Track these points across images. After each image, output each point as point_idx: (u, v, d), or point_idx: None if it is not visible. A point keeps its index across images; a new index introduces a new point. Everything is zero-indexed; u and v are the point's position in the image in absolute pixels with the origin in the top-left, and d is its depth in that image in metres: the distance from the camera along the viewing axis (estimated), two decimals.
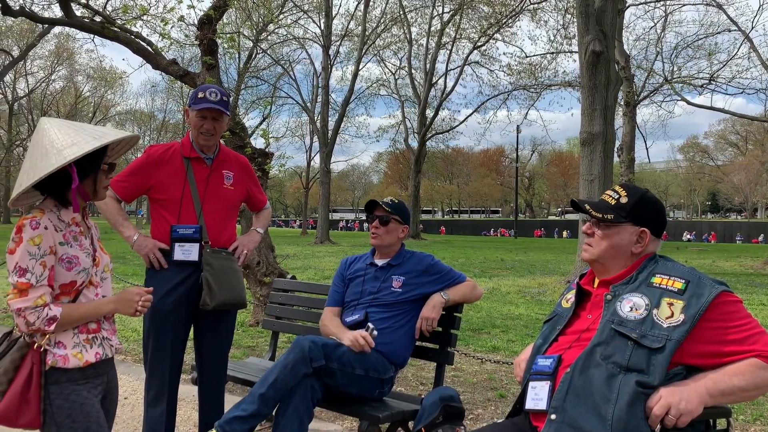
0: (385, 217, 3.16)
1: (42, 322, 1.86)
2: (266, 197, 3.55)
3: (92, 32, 7.20)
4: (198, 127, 3.03)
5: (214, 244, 3.06)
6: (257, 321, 6.68)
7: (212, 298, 2.96)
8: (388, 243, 3.18)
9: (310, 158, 41.96)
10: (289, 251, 20.98)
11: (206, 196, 3.07)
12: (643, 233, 2.06)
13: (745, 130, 62.08)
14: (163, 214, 3.06)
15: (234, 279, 3.06)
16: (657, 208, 2.11)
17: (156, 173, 3.05)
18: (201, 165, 3.10)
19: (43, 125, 1.96)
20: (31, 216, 1.89)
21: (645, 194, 2.12)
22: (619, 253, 2.07)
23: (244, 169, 3.29)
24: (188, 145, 3.11)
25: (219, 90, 3.06)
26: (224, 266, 3.03)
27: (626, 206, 2.08)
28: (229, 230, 3.18)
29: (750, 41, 20.64)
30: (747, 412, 4.22)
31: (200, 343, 3.18)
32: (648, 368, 1.83)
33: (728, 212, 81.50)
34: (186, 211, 3.03)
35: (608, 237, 2.08)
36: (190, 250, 3.01)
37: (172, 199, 3.04)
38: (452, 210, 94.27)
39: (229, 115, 3.13)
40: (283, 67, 33.79)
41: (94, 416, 1.94)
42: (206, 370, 3.19)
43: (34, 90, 42.20)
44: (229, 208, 3.18)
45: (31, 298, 1.85)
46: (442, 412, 2.62)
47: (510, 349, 6.13)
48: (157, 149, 3.14)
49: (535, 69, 28.45)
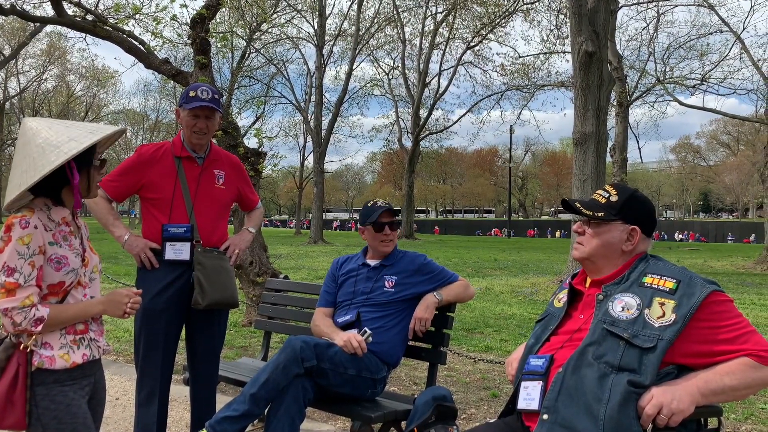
0: (397, 222, 3.19)
1: (29, 323, 1.84)
2: (258, 197, 3.54)
3: (84, 31, 7.15)
4: (191, 126, 3.02)
5: (205, 243, 3.05)
6: (250, 321, 6.66)
7: (204, 298, 2.95)
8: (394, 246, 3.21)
9: (304, 158, 41.89)
10: (282, 251, 20.95)
11: (197, 195, 3.06)
12: (633, 231, 2.06)
13: (736, 131, 62.40)
14: (154, 214, 3.05)
15: (226, 278, 3.05)
16: (647, 207, 2.12)
17: (147, 172, 3.04)
18: (192, 164, 3.09)
19: (31, 125, 1.93)
20: (20, 215, 1.87)
21: (635, 193, 2.12)
22: (609, 251, 2.07)
23: (235, 168, 3.27)
24: (179, 144, 3.10)
25: (210, 88, 3.05)
26: (216, 265, 3.02)
27: (616, 204, 2.08)
28: (220, 230, 3.17)
29: (741, 42, 20.73)
30: (738, 410, 4.24)
31: (192, 343, 3.17)
32: (640, 368, 1.83)
33: (720, 212, 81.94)
34: (177, 211, 3.02)
35: (599, 235, 2.09)
36: (182, 250, 2.99)
37: (163, 198, 3.03)
38: (446, 210, 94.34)
39: (222, 112, 3.12)
40: (277, 67, 33.71)
41: (81, 417, 1.92)
42: (198, 370, 3.17)
43: (26, 89, 41.89)
44: (221, 207, 3.16)
45: (19, 298, 1.83)
46: (435, 411, 2.62)
47: (503, 348, 6.13)
48: (148, 148, 3.12)
49: (528, 69, 28.47)
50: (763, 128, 22.31)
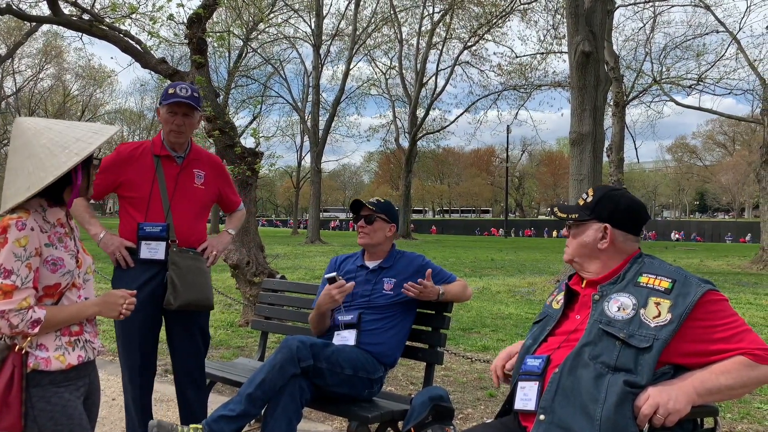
0: (370, 216, 3.14)
1: (26, 325, 1.83)
2: (240, 199, 3.49)
3: (80, 30, 7.14)
4: (168, 123, 2.99)
5: (182, 243, 3.01)
6: (247, 321, 6.65)
7: (176, 298, 2.92)
8: (376, 242, 3.16)
9: (301, 158, 41.88)
10: (279, 251, 20.93)
11: (175, 194, 3.03)
12: (606, 229, 2.07)
13: (732, 131, 62.62)
14: (131, 212, 3.02)
15: (200, 279, 3.01)
16: (620, 203, 2.09)
17: (125, 171, 3.01)
18: (171, 163, 3.06)
19: (28, 125, 1.91)
20: (16, 216, 1.85)
21: (609, 191, 2.12)
22: (587, 250, 2.09)
23: (216, 169, 3.24)
24: (159, 143, 3.07)
25: (190, 86, 3.01)
26: (190, 266, 2.98)
27: (590, 204, 2.11)
28: (199, 230, 3.13)
29: (738, 42, 20.77)
30: (734, 410, 4.25)
31: (172, 343, 3.13)
32: (636, 368, 1.84)
33: (716, 212, 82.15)
34: (153, 210, 2.99)
35: (576, 236, 2.13)
36: (157, 249, 2.96)
37: (140, 197, 2.99)
38: (443, 210, 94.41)
39: (200, 110, 3.08)
40: (274, 67, 33.70)
41: (77, 418, 1.92)
42: (180, 370, 3.14)
43: (22, 88, 41.77)
44: (200, 207, 3.13)
45: (16, 300, 1.81)
46: (432, 411, 2.61)
47: (500, 348, 6.12)
48: (126, 147, 3.09)
49: (525, 69, 28.49)
50: (759, 128, 22.33)
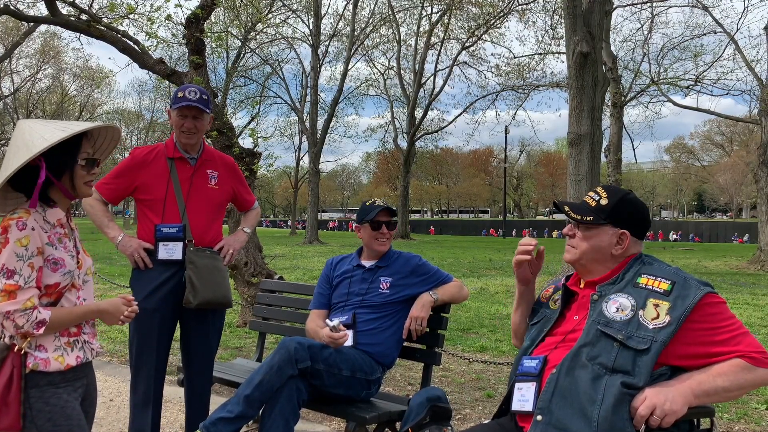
0: (394, 222, 3.20)
1: (31, 325, 1.83)
2: (254, 197, 3.55)
3: (78, 31, 7.13)
4: (179, 126, 3.06)
5: (198, 242, 3.07)
6: (245, 322, 6.65)
7: (195, 297, 2.96)
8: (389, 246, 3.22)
9: (299, 158, 41.90)
10: (277, 251, 20.92)
11: (190, 195, 3.08)
12: (623, 235, 2.06)
13: (730, 131, 62.68)
14: (148, 215, 3.08)
15: (218, 278, 3.06)
16: (638, 210, 2.10)
17: (140, 174, 3.08)
18: (184, 165, 3.11)
19: (21, 126, 1.94)
20: (17, 216, 1.86)
21: (625, 196, 2.11)
22: (599, 254, 2.07)
23: (229, 168, 3.29)
24: (172, 145, 3.13)
25: (199, 89, 3.07)
26: (208, 265, 3.04)
27: (606, 208, 2.07)
28: (214, 229, 3.18)
29: (735, 43, 20.80)
30: (731, 410, 4.26)
31: (186, 343, 3.17)
32: (633, 369, 1.84)
33: (714, 212, 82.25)
34: (169, 211, 3.05)
35: (588, 239, 2.08)
36: (174, 249, 3.02)
37: (156, 199, 3.06)
38: (441, 210, 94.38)
39: (210, 113, 3.14)
40: (272, 67, 33.68)
41: (75, 419, 1.92)
42: (192, 371, 3.17)
43: (20, 89, 41.69)
44: (214, 207, 3.18)
45: (20, 301, 1.82)
46: (430, 412, 2.62)
47: (498, 348, 6.14)
48: (141, 151, 3.16)
49: (523, 70, 28.51)
50: (756, 129, 22.38)
